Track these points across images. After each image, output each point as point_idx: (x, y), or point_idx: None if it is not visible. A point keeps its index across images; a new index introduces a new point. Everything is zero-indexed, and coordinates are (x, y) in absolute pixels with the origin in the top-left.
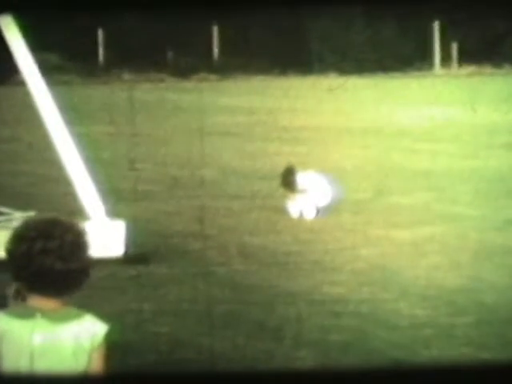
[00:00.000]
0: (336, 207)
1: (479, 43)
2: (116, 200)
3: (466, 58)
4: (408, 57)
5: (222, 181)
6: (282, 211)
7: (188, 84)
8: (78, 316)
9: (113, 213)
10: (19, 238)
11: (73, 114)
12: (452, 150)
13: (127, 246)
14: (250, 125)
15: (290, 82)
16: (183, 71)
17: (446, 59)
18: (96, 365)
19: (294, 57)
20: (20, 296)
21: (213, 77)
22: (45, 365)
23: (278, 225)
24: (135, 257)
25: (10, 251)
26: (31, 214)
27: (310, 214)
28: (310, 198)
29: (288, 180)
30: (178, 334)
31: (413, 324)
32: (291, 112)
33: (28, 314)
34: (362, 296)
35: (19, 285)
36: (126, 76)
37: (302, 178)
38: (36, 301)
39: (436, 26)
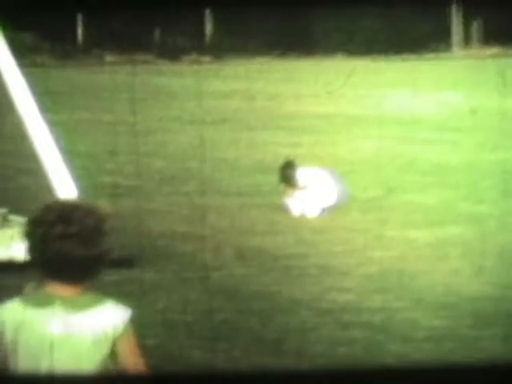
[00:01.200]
0: (344, 205)
1: (504, 21)
2: (96, 196)
3: (489, 37)
4: (423, 36)
5: (216, 175)
6: (284, 209)
7: (177, 67)
8: (98, 302)
9: None
10: (37, 222)
11: (48, 99)
12: (475, 140)
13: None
14: (247, 112)
15: (291, 64)
16: (172, 52)
17: (465, 39)
18: (126, 354)
19: (297, 36)
20: (38, 284)
21: (205, 58)
22: (65, 355)
23: (279, 224)
24: (118, 260)
25: (27, 235)
26: (1, 210)
27: (313, 213)
28: (312, 194)
29: (287, 175)
30: (167, 347)
31: (431, 336)
32: (293, 98)
33: (46, 302)
34: (374, 304)
35: (37, 271)
36: (108, 58)
37: (303, 173)
38: (54, 288)
39: (455, 1)
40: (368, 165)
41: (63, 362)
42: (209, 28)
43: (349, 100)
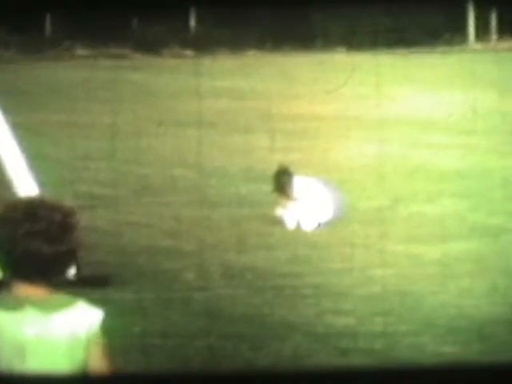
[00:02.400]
0: (343, 217)
1: None
2: None
3: (509, 29)
4: (436, 28)
5: (201, 183)
6: (276, 222)
7: (157, 61)
8: (70, 303)
9: None
10: (2, 221)
11: (12, 98)
12: (489, 144)
13: (80, 266)
14: (236, 113)
15: (285, 59)
16: (151, 45)
17: (482, 31)
18: (98, 356)
19: (291, 28)
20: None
21: (188, 52)
22: (39, 360)
23: (271, 239)
24: (91, 279)
25: None
26: None
27: (308, 226)
28: (309, 205)
29: (282, 183)
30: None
31: (439, 364)
32: (287, 97)
33: (17, 305)
34: (376, 328)
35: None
36: (80, 51)
37: (299, 182)
38: (23, 289)
39: None
40: (370, 172)
41: (38, 366)
42: (193, 17)
43: (349, 100)
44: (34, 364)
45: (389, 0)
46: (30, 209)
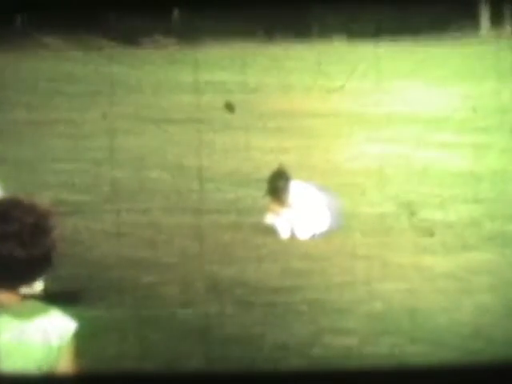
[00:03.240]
0: (343, 225)
1: None
2: None
3: None
4: (445, 16)
5: (183, 187)
6: (268, 231)
7: (136, 52)
8: (44, 310)
9: None
10: None
11: None
12: (505, 144)
13: (47, 280)
14: (223, 109)
15: (279, 49)
16: (130, 35)
17: (496, 19)
18: (67, 366)
19: (286, 15)
20: None
21: (171, 42)
22: (12, 366)
23: (261, 249)
24: (60, 295)
25: None
26: None
27: (304, 234)
28: (304, 212)
29: (276, 187)
30: None
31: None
32: (281, 92)
33: None
34: (381, 350)
35: None
36: (50, 41)
37: (295, 186)
38: None
39: None
40: (372, 175)
41: (9, 373)
42: (176, 6)
43: (349, 95)
44: (7, 370)
45: None
46: (2, 209)
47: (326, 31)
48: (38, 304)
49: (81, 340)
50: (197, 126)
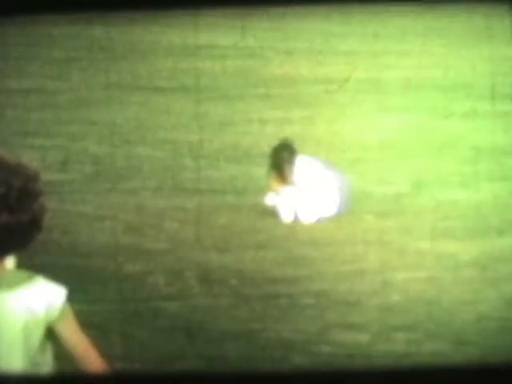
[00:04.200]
0: (354, 207)
1: None
2: None
3: None
4: None
5: (172, 165)
6: (268, 213)
7: (121, 13)
8: (28, 279)
9: None
10: None
11: None
12: None
13: (22, 268)
14: (216, 75)
15: (280, 8)
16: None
17: None
18: (69, 336)
19: None
20: None
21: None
22: None
23: (261, 234)
24: None
25: None
26: None
27: (310, 217)
28: (310, 192)
29: (281, 161)
30: None
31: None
32: (281, 55)
33: None
34: (396, 347)
35: None
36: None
37: (302, 162)
38: None
39: None
40: (387, 149)
41: None
42: None
43: (361, 58)
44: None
45: None
46: None
47: None
48: (22, 273)
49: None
50: (189, 96)
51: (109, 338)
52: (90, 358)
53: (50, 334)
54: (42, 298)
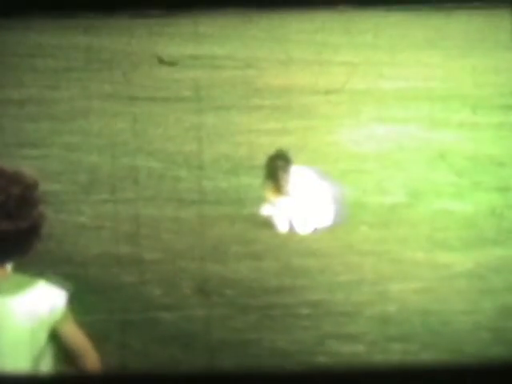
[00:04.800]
0: (350, 217)
1: None
2: None
3: None
4: None
5: (168, 175)
6: (264, 224)
7: (113, 22)
8: (30, 283)
9: None
10: None
11: None
12: None
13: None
14: (212, 86)
15: (275, 18)
16: (105, 2)
17: None
18: (71, 337)
19: None
20: None
21: (154, 12)
22: (1, 343)
23: (256, 245)
24: None
25: None
26: None
27: (305, 228)
28: (306, 202)
29: (275, 171)
30: None
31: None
32: (279, 65)
33: None
34: (392, 358)
35: None
36: (16, 10)
37: (296, 172)
38: None
39: None
40: (383, 160)
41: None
42: None
43: (356, 68)
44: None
45: None
46: None
47: None
48: (23, 277)
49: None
50: (186, 106)
51: (105, 348)
52: (91, 358)
53: (52, 336)
54: (45, 301)
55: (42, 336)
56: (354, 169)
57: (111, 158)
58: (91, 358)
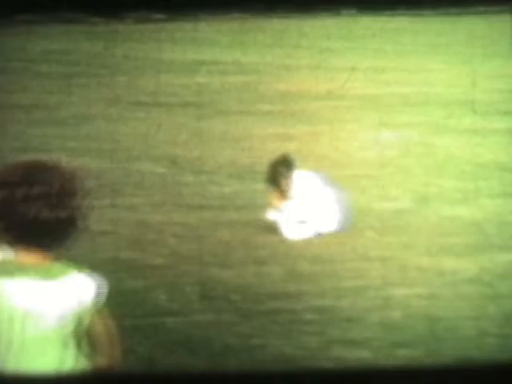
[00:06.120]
0: (355, 223)
1: None
2: None
3: None
4: None
5: (173, 180)
6: (269, 229)
7: (117, 27)
8: (65, 272)
9: None
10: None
11: None
12: None
13: None
14: (217, 91)
15: (281, 24)
16: (109, 7)
17: None
18: (100, 332)
19: None
20: None
21: (158, 15)
22: (27, 330)
23: (262, 250)
24: None
25: None
26: None
27: (311, 233)
28: (311, 207)
29: (277, 175)
30: None
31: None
32: (283, 71)
33: (9, 271)
34: (397, 364)
35: None
36: (22, 16)
37: (300, 177)
38: (21, 256)
39: None
40: (388, 165)
41: (27, 335)
42: None
43: (362, 74)
44: (24, 332)
45: None
46: (29, 172)
47: (333, 3)
48: (59, 265)
49: None
50: (189, 112)
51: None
52: (112, 352)
53: (79, 325)
54: (80, 289)
55: (71, 323)
56: (358, 174)
57: (115, 163)
58: (112, 352)
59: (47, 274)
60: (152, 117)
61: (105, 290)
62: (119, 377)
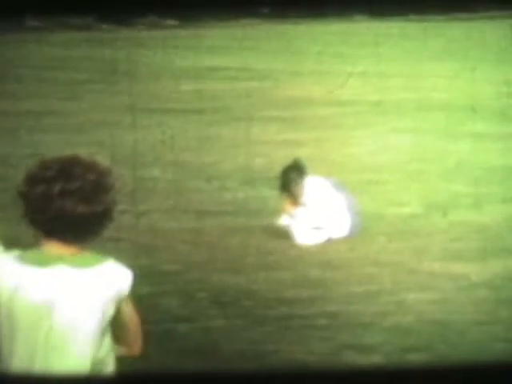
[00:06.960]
0: (366, 228)
1: None
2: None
3: None
4: None
5: (184, 186)
6: (280, 235)
7: (130, 34)
8: (99, 261)
9: None
10: (35, 179)
11: None
12: None
13: None
14: (228, 97)
15: (290, 29)
16: (121, 13)
17: None
18: (130, 317)
19: None
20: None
21: (170, 22)
22: (64, 317)
23: (273, 256)
24: None
25: (24, 194)
26: None
27: (322, 238)
28: (322, 213)
29: (289, 181)
30: None
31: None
32: (294, 77)
33: (45, 261)
34: (410, 369)
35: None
36: (29, 22)
37: (311, 182)
38: (54, 246)
39: None
40: (399, 171)
41: (63, 325)
42: None
43: (372, 79)
44: (59, 320)
45: None
46: (65, 167)
47: (344, 8)
48: (93, 255)
49: None
50: (200, 118)
51: (119, 358)
52: (137, 341)
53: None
54: (112, 278)
55: (109, 311)
56: (370, 180)
57: (127, 169)
58: (138, 341)
59: (84, 263)
60: (163, 123)
61: (131, 278)
62: (136, 379)
